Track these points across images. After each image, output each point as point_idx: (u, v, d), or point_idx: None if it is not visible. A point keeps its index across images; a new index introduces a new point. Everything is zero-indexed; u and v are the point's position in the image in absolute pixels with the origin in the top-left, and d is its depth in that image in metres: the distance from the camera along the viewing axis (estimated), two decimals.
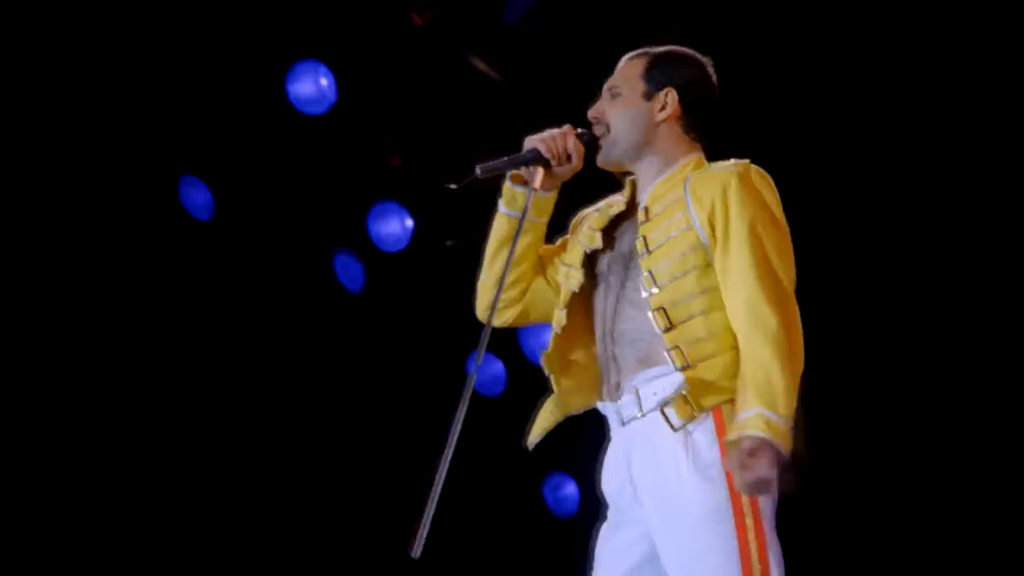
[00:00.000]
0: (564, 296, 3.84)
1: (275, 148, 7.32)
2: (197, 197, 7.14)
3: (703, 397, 3.59)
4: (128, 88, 6.90)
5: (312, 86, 7.22)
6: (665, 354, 3.63)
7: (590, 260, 3.84)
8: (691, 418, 3.59)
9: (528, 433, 3.89)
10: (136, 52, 6.88)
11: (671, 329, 3.63)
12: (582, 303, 3.84)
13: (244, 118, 7.21)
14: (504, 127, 7.21)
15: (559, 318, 3.83)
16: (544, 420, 3.87)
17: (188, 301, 7.20)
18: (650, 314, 3.65)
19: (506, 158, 3.80)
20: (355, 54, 7.32)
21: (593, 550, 3.79)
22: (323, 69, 7.22)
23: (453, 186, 3.83)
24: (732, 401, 3.58)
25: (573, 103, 3.89)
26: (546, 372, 3.85)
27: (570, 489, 7.89)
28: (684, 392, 3.60)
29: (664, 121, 3.80)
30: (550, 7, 7.19)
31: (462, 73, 7.39)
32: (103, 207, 6.95)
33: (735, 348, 3.59)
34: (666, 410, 3.61)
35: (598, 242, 3.81)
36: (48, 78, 6.73)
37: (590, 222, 3.88)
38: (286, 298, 7.44)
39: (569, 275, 3.85)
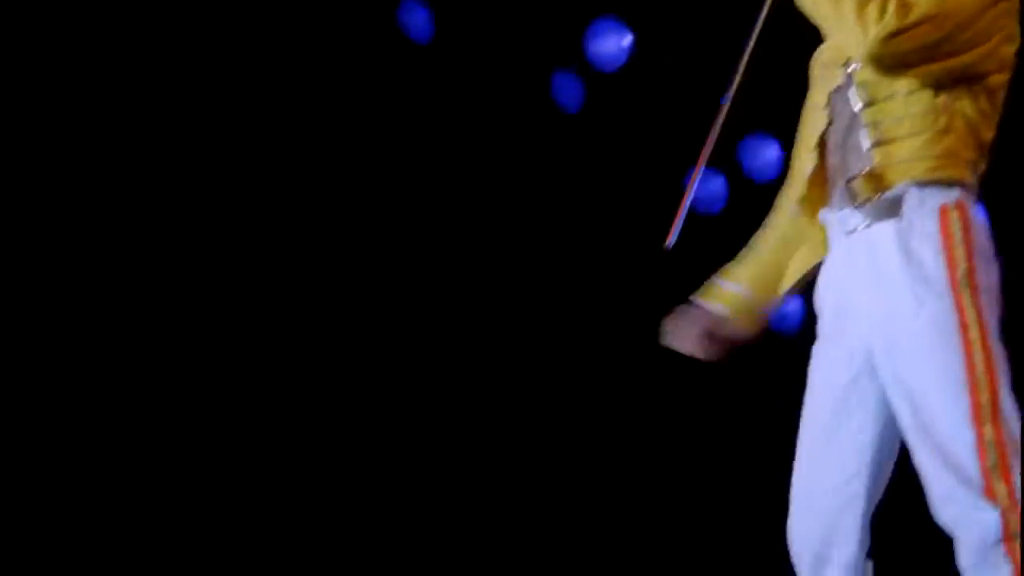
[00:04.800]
0: (811, 139, 3.74)
1: None
2: (417, 18, 7.19)
3: (888, 174, 3.55)
4: None
5: None
6: (860, 132, 3.58)
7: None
8: (873, 194, 3.56)
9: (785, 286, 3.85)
10: None
11: (870, 105, 3.59)
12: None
13: None
14: None
15: (810, 160, 3.74)
16: (798, 267, 3.82)
17: (406, 127, 7.26)
18: (852, 89, 3.59)
19: None
20: None
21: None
22: None
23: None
24: (959, 207, 3.53)
25: None
26: (800, 213, 3.77)
27: (793, 304, 7.78)
28: (870, 167, 3.56)
29: None
30: None
31: None
32: None
33: (932, 130, 3.52)
34: (852, 184, 3.58)
35: (840, 79, 3.68)
36: None
37: (823, 59, 3.76)
38: (504, 121, 7.46)
39: (818, 117, 3.73)
